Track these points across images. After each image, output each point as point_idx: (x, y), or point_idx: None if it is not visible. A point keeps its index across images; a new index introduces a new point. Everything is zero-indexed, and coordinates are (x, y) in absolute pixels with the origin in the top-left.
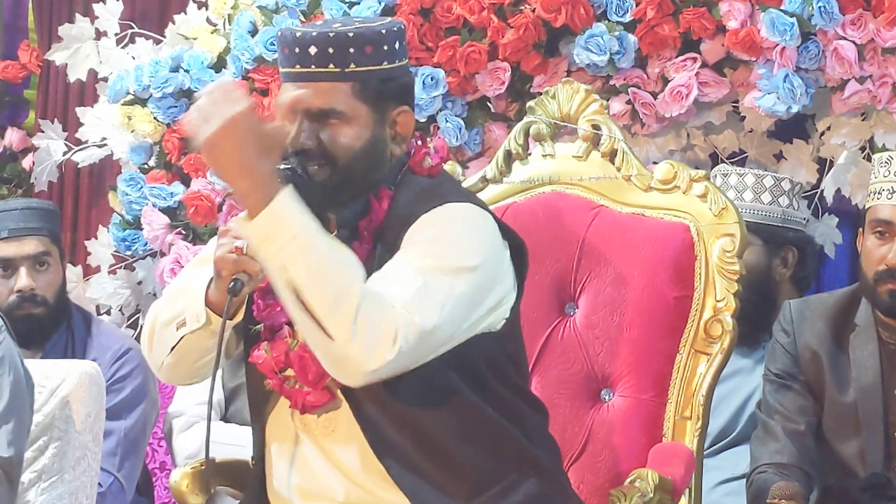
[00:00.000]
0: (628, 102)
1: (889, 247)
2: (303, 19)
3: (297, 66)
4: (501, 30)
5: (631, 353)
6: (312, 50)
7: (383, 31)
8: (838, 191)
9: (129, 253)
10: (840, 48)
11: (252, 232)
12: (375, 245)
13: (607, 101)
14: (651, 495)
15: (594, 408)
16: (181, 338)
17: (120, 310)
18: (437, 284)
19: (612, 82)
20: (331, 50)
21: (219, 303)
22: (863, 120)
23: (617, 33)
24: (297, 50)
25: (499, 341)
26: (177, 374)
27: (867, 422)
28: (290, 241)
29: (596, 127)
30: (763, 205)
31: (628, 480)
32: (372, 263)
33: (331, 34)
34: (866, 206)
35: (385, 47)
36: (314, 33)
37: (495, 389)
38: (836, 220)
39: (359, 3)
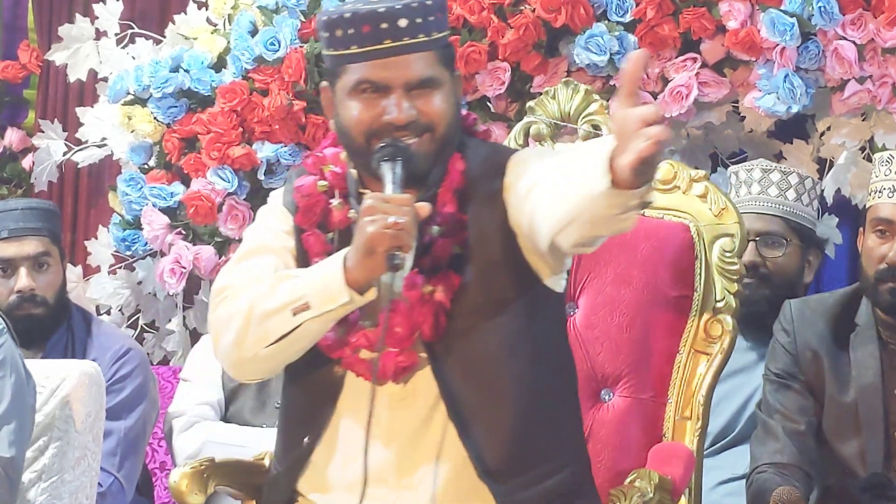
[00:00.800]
0: None
1: (890, 245)
2: (303, 19)
3: (388, 41)
4: (501, 30)
5: (631, 353)
6: (402, 22)
7: None
8: (838, 191)
9: (129, 253)
10: (840, 48)
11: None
12: (462, 206)
13: (607, 101)
14: (651, 495)
15: (594, 408)
16: (300, 323)
17: (120, 310)
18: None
19: (612, 82)
20: (418, 20)
21: (361, 281)
22: (863, 120)
23: (617, 33)
24: (384, 25)
25: (561, 310)
26: (268, 366)
27: (867, 421)
28: None
29: (596, 127)
30: (803, 206)
31: (628, 480)
32: (463, 225)
33: (414, 4)
34: (867, 206)
35: (444, 13)
36: (398, 6)
37: (564, 358)
38: (836, 220)
39: None
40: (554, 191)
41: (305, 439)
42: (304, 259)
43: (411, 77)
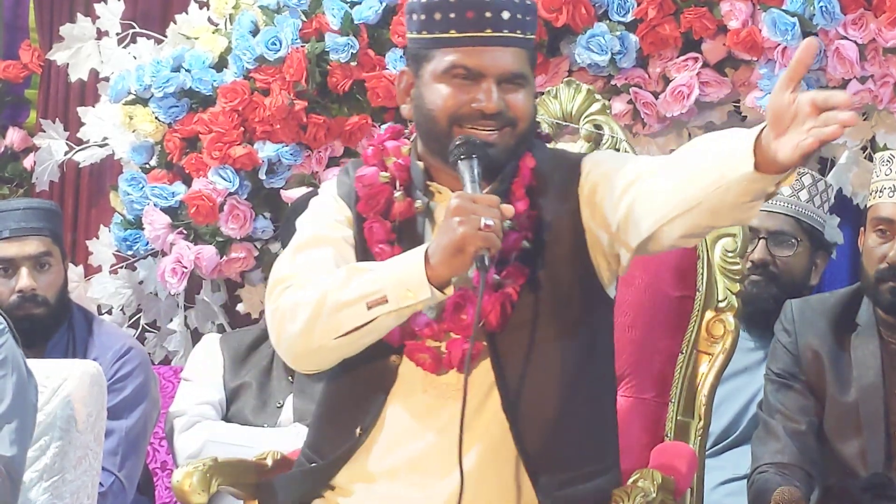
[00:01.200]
0: (630, 102)
1: (890, 245)
2: (304, 19)
3: (489, 31)
4: None
5: (633, 353)
6: (506, 14)
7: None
8: (839, 190)
9: (130, 253)
10: (841, 48)
11: None
12: (534, 201)
13: (609, 100)
14: (654, 495)
15: None
16: (375, 317)
17: (121, 309)
18: None
19: (613, 82)
20: (519, 16)
21: (443, 277)
22: (864, 120)
23: (618, 33)
24: (487, 14)
25: (612, 312)
26: (333, 356)
27: (868, 421)
28: None
29: (598, 127)
30: (814, 207)
31: (631, 480)
32: (533, 220)
33: (517, 1)
34: (868, 205)
35: (536, 19)
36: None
37: (612, 363)
38: (838, 219)
39: (360, 3)
40: (662, 182)
41: (358, 430)
42: (362, 248)
43: (506, 69)
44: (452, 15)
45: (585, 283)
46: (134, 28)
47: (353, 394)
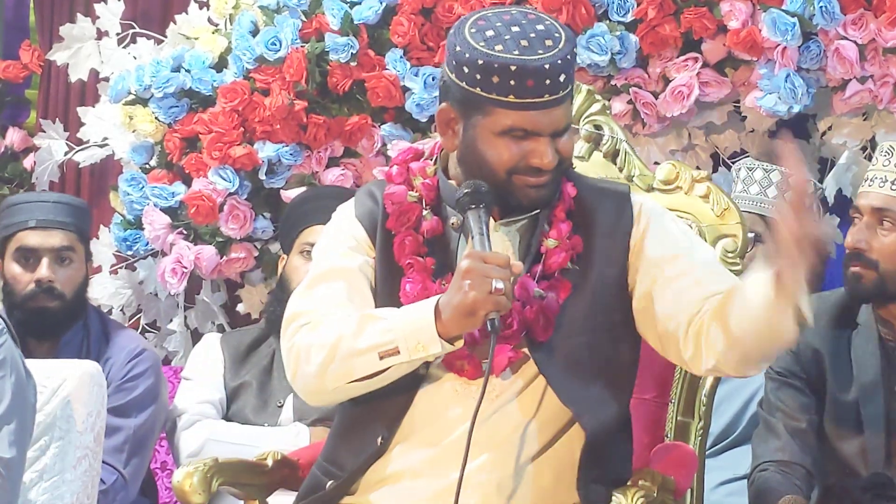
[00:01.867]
0: (630, 102)
1: (853, 230)
2: (304, 19)
3: (547, 96)
4: None
5: None
6: (562, 78)
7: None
8: (839, 191)
9: (130, 253)
10: (841, 48)
11: None
12: (578, 226)
13: (608, 100)
14: (654, 495)
15: None
16: (387, 367)
17: (121, 310)
18: None
19: (613, 82)
20: (570, 72)
21: (453, 333)
22: (864, 120)
23: (618, 33)
24: (547, 82)
25: (639, 347)
26: (343, 397)
27: (868, 420)
28: None
29: (597, 127)
30: None
31: (631, 480)
32: (577, 240)
33: (568, 57)
34: None
35: None
36: (559, 61)
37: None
38: (838, 220)
39: (360, 3)
40: (700, 301)
41: (379, 439)
42: (388, 264)
43: (559, 126)
44: (512, 82)
45: (624, 312)
46: (134, 28)
47: (372, 404)
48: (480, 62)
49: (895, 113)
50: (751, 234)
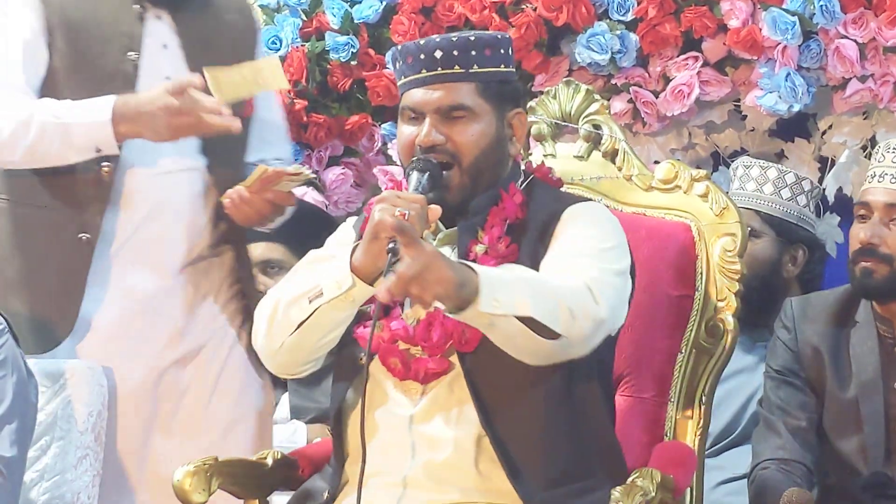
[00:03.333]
0: (630, 101)
1: (865, 227)
2: (304, 18)
3: (424, 71)
4: (503, 28)
5: (632, 352)
6: (438, 54)
7: (499, 37)
8: (840, 189)
9: None
10: (842, 47)
11: (484, 307)
12: (512, 234)
13: (608, 100)
14: (653, 494)
15: None
16: (314, 310)
17: None
18: (608, 275)
19: (613, 81)
20: (455, 52)
21: (364, 267)
22: (864, 119)
23: (618, 32)
24: (421, 56)
25: (612, 348)
26: (295, 356)
27: (868, 417)
28: (507, 293)
29: (597, 126)
30: (782, 200)
31: (630, 479)
32: (510, 248)
33: (454, 38)
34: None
35: (501, 51)
36: (437, 39)
37: (604, 390)
38: (839, 218)
39: (360, 2)
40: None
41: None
42: None
43: (441, 103)
44: (399, 63)
45: None
46: None
47: (335, 401)
48: (390, 53)
49: (895, 112)
50: (748, 230)
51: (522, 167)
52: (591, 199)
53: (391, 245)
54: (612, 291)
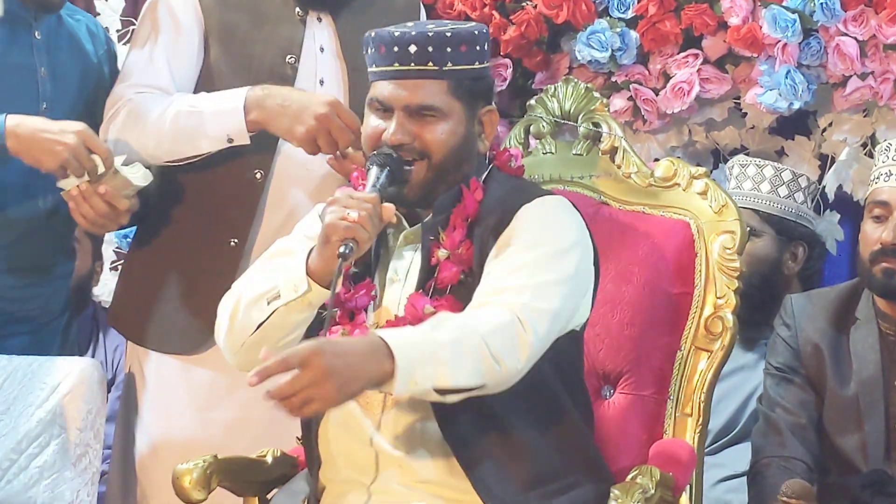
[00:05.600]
0: (630, 99)
1: (884, 227)
2: None
3: (396, 65)
4: (503, 26)
5: (631, 350)
6: (412, 48)
7: (476, 32)
8: (840, 187)
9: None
10: (842, 44)
11: (399, 391)
12: (470, 233)
13: (609, 97)
14: (652, 492)
15: (595, 404)
16: (272, 312)
17: None
18: (542, 290)
19: (613, 78)
20: (430, 48)
21: (319, 271)
22: (864, 116)
23: (619, 30)
24: (395, 49)
25: (577, 342)
26: (256, 356)
27: (868, 414)
28: (424, 370)
29: (596, 125)
30: (780, 198)
31: (630, 477)
32: (470, 251)
33: (430, 33)
34: (867, 196)
35: (477, 47)
36: (413, 32)
37: (574, 389)
38: (839, 216)
39: None
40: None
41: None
42: None
43: (411, 101)
44: (371, 50)
45: None
46: (134, 25)
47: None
48: (363, 38)
49: (895, 109)
50: (748, 229)
51: (487, 160)
52: (548, 193)
53: (342, 249)
54: (550, 304)
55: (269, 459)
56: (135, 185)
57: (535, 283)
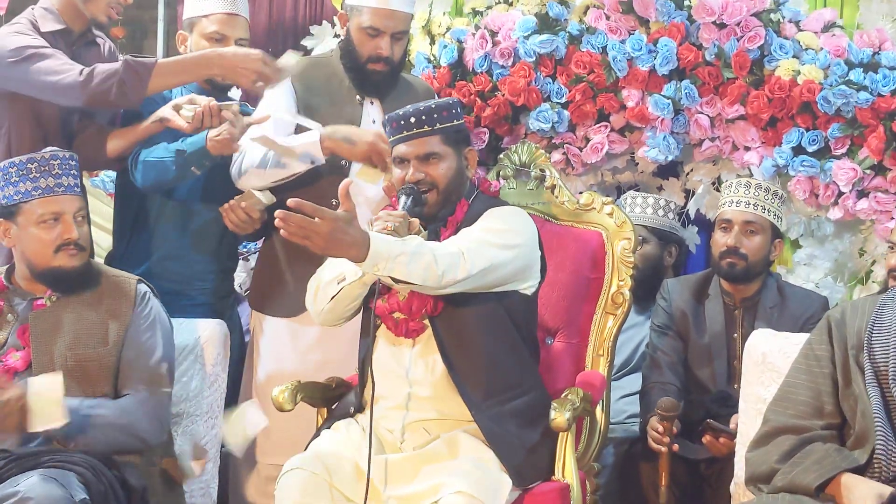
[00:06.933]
0: (563, 154)
1: (728, 235)
2: None
3: (405, 132)
4: (483, 107)
5: (565, 314)
6: (412, 119)
7: (450, 102)
8: (698, 210)
9: None
10: (699, 119)
11: (365, 269)
12: (456, 231)
13: (550, 153)
14: (578, 404)
15: (542, 348)
16: (340, 289)
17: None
18: (486, 246)
19: (554, 141)
20: (423, 117)
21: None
22: (714, 165)
23: (557, 110)
24: (402, 122)
25: (528, 303)
26: (331, 317)
27: (717, 355)
28: (386, 263)
29: (542, 171)
30: (658, 217)
31: (563, 395)
32: None
33: (421, 108)
34: (716, 216)
35: (454, 111)
36: (411, 110)
37: (525, 329)
38: (697, 228)
39: None
40: None
41: (352, 409)
42: None
43: (419, 152)
44: (388, 128)
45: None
46: None
47: (362, 346)
48: (384, 120)
49: (733, 161)
50: (640, 238)
51: (476, 185)
52: (513, 206)
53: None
54: (489, 255)
55: (333, 385)
56: (264, 202)
57: (482, 241)
